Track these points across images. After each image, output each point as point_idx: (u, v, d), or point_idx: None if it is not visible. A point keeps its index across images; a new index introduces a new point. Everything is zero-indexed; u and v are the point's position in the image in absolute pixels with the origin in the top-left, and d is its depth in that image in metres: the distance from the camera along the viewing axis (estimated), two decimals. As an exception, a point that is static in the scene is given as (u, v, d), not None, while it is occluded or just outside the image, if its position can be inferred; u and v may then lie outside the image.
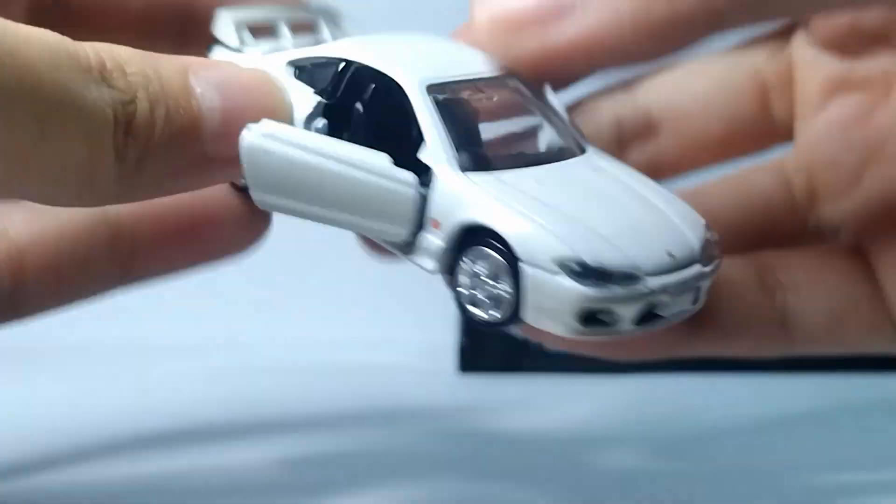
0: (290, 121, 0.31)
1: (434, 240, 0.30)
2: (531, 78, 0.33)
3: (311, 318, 0.37)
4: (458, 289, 0.30)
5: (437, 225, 0.30)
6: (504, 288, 0.29)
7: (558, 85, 0.35)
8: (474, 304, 0.29)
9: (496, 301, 0.29)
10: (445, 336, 0.59)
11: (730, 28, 0.32)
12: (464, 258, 0.29)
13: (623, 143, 0.40)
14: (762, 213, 0.41)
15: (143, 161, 0.28)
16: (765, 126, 0.41)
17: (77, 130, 0.27)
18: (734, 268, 0.38)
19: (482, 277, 0.29)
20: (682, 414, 0.49)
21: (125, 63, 0.28)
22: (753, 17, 0.33)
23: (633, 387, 0.52)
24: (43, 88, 0.26)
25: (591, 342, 0.33)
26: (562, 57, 0.33)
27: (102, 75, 0.27)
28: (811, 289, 0.38)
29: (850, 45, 0.39)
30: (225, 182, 0.33)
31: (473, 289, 0.29)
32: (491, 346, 0.58)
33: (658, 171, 0.40)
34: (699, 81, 0.41)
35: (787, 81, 0.41)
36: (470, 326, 0.59)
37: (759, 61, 0.41)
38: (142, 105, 0.28)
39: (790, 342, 0.38)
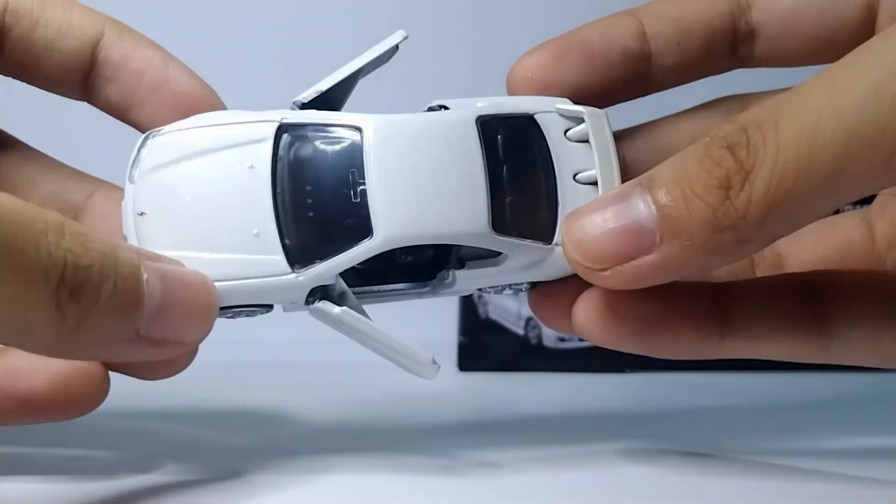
0: (214, 318, 0.35)
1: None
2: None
3: (312, 317, 0.37)
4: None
5: None
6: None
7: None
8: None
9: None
10: (445, 335, 0.59)
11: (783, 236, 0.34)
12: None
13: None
14: (840, 255, 0.42)
15: (82, 323, 0.31)
16: (866, 36, 0.40)
17: (13, 279, 0.29)
18: (778, 276, 0.40)
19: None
20: (680, 412, 0.49)
21: (88, 239, 0.31)
22: (796, 228, 0.34)
23: (631, 385, 0.52)
24: None
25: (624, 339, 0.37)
26: (639, 282, 0.34)
27: (60, 239, 0.30)
28: (853, 302, 0.38)
29: None
30: (148, 360, 0.36)
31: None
32: (489, 345, 0.59)
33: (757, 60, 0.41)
34: None
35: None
36: (469, 326, 0.59)
37: None
38: (94, 275, 0.31)
39: (827, 352, 0.38)
